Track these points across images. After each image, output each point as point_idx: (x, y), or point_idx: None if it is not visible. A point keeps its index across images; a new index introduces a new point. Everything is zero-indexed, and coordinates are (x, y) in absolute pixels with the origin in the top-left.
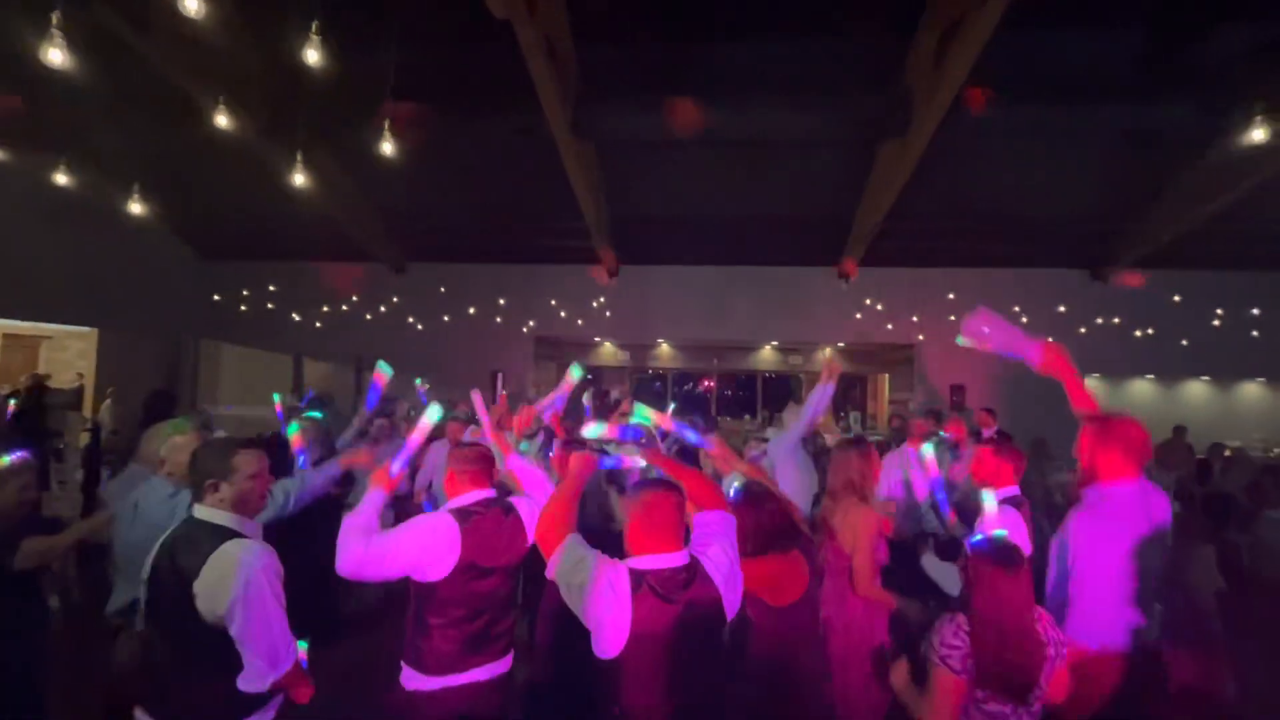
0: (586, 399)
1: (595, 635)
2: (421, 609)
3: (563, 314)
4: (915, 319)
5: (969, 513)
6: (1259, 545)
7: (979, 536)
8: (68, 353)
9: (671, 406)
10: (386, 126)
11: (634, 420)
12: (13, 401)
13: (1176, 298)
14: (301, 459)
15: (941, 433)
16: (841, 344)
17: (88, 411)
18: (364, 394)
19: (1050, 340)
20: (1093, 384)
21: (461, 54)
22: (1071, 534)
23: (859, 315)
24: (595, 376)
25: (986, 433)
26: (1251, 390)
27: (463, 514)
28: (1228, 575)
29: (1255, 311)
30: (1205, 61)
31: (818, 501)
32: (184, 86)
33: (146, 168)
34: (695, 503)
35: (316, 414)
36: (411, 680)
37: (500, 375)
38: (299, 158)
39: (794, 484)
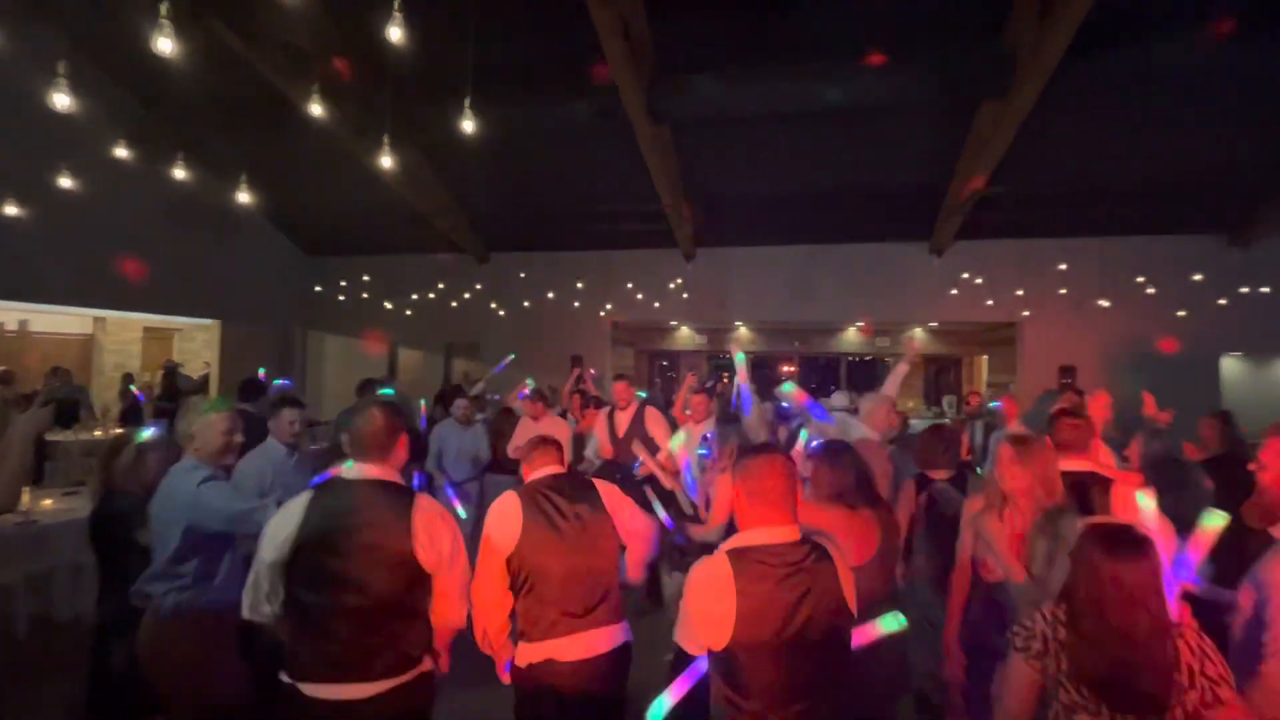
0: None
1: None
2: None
3: (639, 296)
4: (1020, 293)
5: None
6: None
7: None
8: (195, 343)
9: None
10: (464, 121)
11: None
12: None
13: None
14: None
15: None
16: (934, 324)
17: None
18: (455, 378)
19: None
20: (1234, 364)
21: (533, 42)
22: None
23: (955, 291)
24: (671, 362)
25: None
26: None
27: None
28: None
29: None
30: None
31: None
32: (283, 91)
33: (253, 169)
34: None
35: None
36: None
37: (582, 359)
38: (386, 148)
39: None
